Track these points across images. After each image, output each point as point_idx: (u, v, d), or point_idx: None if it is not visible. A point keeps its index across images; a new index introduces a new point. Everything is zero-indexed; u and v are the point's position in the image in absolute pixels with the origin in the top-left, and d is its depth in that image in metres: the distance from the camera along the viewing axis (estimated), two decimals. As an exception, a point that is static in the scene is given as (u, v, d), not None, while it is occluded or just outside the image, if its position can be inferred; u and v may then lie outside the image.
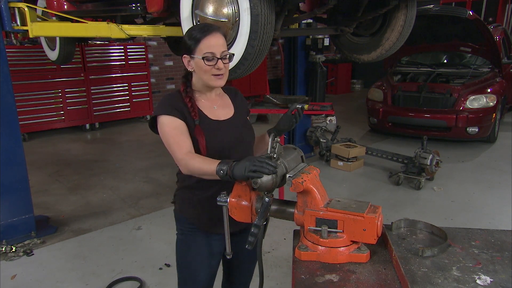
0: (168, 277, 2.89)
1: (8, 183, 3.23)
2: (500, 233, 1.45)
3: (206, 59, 1.51)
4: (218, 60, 1.52)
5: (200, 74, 1.57)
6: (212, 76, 1.55)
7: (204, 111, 1.62)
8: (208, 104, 1.65)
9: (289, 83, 5.63)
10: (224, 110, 1.69)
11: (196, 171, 1.48)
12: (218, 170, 1.39)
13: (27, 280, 2.88)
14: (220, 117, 1.65)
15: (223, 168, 1.38)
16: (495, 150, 5.87)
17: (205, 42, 1.51)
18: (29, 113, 6.40)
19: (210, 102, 1.66)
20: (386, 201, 4.18)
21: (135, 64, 7.52)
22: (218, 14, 2.49)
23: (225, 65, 1.56)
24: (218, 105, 1.68)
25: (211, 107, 1.65)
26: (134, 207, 4.09)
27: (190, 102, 1.58)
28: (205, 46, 1.51)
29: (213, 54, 1.51)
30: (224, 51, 1.54)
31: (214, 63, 1.52)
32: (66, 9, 3.82)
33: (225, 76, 1.59)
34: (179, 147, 1.52)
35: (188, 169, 1.49)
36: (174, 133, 1.54)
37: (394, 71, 6.88)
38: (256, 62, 2.53)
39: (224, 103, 1.71)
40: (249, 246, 1.35)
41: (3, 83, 3.07)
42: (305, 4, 3.16)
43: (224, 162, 1.40)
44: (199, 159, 1.47)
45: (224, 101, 1.72)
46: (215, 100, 1.68)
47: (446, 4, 8.63)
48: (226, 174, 1.37)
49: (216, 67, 1.53)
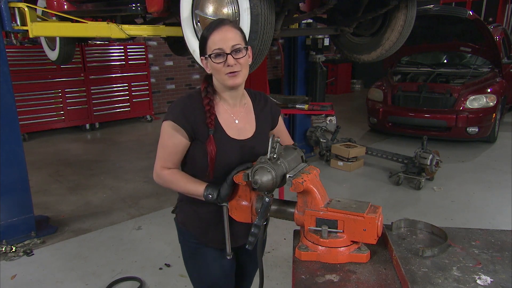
0: (168, 277, 2.88)
1: (8, 183, 3.23)
2: (500, 233, 1.45)
3: (214, 56, 1.39)
4: (228, 56, 1.38)
5: (215, 75, 1.44)
6: (226, 76, 1.40)
7: (222, 125, 1.47)
8: (229, 116, 1.50)
9: (289, 83, 5.63)
10: (245, 126, 1.53)
11: (173, 189, 1.51)
12: (206, 194, 1.42)
13: (27, 280, 2.88)
14: (239, 136, 1.50)
15: (212, 193, 1.41)
16: (495, 150, 5.87)
17: (212, 39, 1.39)
18: (29, 113, 6.41)
19: (232, 113, 1.51)
20: (386, 201, 4.18)
21: (135, 64, 7.53)
22: (218, 14, 2.49)
23: (239, 60, 1.39)
24: (240, 119, 1.52)
25: (232, 120, 1.50)
26: (134, 207, 4.08)
27: (209, 105, 1.44)
28: (212, 42, 1.39)
29: (221, 49, 1.38)
30: (235, 44, 1.38)
31: (223, 59, 1.38)
32: (66, 9, 3.82)
33: (243, 73, 1.43)
34: (165, 161, 1.49)
35: (164, 184, 1.52)
36: (169, 147, 1.47)
37: (394, 71, 6.88)
38: (256, 62, 2.53)
39: (247, 117, 1.55)
40: (249, 246, 1.35)
41: (3, 83, 3.07)
42: (305, 4, 3.16)
43: (211, 187, 1.43)
44: (182, 180, 1.47)
45: (247, 114, 1.56)
46: (238, 112, 1.52)
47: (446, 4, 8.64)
48: (216, 199, 1.41)
49: (227, 64, 1.38)
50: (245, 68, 1.44)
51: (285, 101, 4.31)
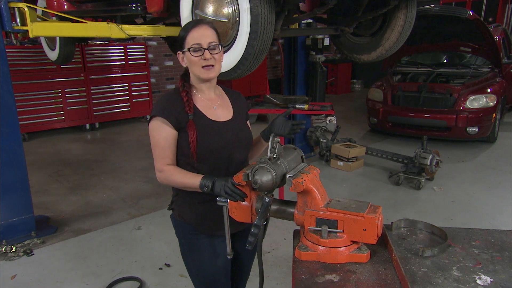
0: (168, 277, 2.88)
1: (8, 183, 3.23)
2: (500, 233, 1.45)
3: (193, 50, 1.54)
4: (205, 51, 1.54)
5: (191, 67, 1.59)
6: (202, 69, 1.56)
7: (202, 110, 1.62)
8: (207, 104, 1.64)
9: (289, 83, 5.63)
10: (223, 111, 1.68)
11: (175, 185, 1.57)
12: (202, 186, 1.48)
13: (27, 280, 2.88)
14: (219, 118, 1.65)
15: (207, 184, 1.46)
16: (495, 150, 5.87)
17: (191, 35, 1.55)
18: (29, 113, 6.40)
19: (209, 101, 1.66)
20: (386, 201, 4.18)
21: (135, 64, 7.52)
22: (218, 14, 2.49)
23: (214, 55, 1.56)
24: (217, 105, 1.67)
25: (210, 107, 1.65)
26: (134, 207, 4.08)
27: (186, 96, 1.59)
28: (191, 38, 1.55)
29: (199, 44, 1.54)
30: (211, 41, 1.55)
31: (201, 53, 1.54)
32: (66, 9, 3.82)
33: (216, 68, 1.59)
34: (162, 158, 1.58)
35: (168, 181, 1.57)
36: (161, 143, 1.57)
37: (394, 71, 6.88)
38: (256, 62, 2.53)
39: (223, 104, 1.71)
40: (249, 246, 1.35)
41: (3, 83, 3.07)
42: (305, 4, 3.16)
43: (207, 178, 1.48)
44: (180, 174, 1.55)
45: (223, 101, 1.71)
46: (214, 100, 1.68)
47: (446, 4, 8.63)
48: (210, 190, 1.46)
49: (203, 57, 1.54)
50: (219, 64, 1.60)
51: (285, 101, 4.30)
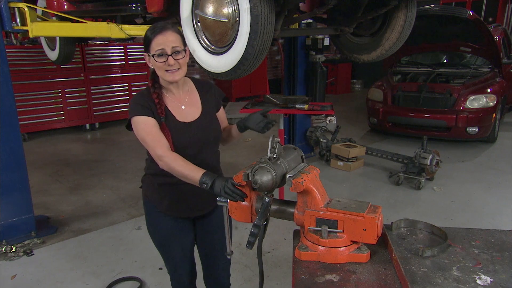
0: (168, 277, 2.88)
1: (8, 183, 3.23)
2: (500, 233, 1.45)
3: (157, 56, 1.60)
4: (169, 57, 1.60)
5: (156, 70, 1.66)
6: (166, 72, 1.62)
7: (172, 111, 1.70)
8: (176, 104, 1.72)
9: (289, 83, 5.62)
10: (191, 109, 1.75)
11: (176, 173, 1.58)
12: (201, 182, 1.50)
13: (27, 280, 2.88)
14: (187, 118, 1.72)
15: (207, 182, 1.48)
16: (495, 150, 5.87)
17: (155, 41, 1.60)
18: (29, 113, 6.40)
19: (178, 100, 1.73)
20: (386, 201, 4.18)
21: (135, 64, 7.52)
22: (218, 14, 2.48)
23: (178, 60, 1.62)
24: (186, 104, 1.74)
25: (178, 107, 1.72)
26: (134, 207, 4.08)
27: (158, 98, 1.66)
28: (155, 44, 1.60)
29: (163, 50, 1.59)
30: (175, 46, 1.60)
31: (165, 59, 1.60)
32: (66, 9, 3.82)
33: (181, 70, 1.65)
34: (159, 144, 1.61)
35: (169, 168, 1.58)
36: (151, 131, 1.62)
37: (394, 71, 6.88)
38: (256, 62, 2.53)
39: (192, 101, 1.77)
40: (249, 246, 1.36)
41: (3, 83, 3.07)
42: (305, 4, 3.15)
43: (208, 175, 1.49)
44: (182, 163, 1.56)
45: (192, 98, 1.78)
46: (182, 98, 1.74)
47: (446, 4, 8.63)
48: (209, 188, 1.47)
49: (167, 63, 1.60)
50: (184, 66, 1.67)
51: (285, 101, 4.30)
